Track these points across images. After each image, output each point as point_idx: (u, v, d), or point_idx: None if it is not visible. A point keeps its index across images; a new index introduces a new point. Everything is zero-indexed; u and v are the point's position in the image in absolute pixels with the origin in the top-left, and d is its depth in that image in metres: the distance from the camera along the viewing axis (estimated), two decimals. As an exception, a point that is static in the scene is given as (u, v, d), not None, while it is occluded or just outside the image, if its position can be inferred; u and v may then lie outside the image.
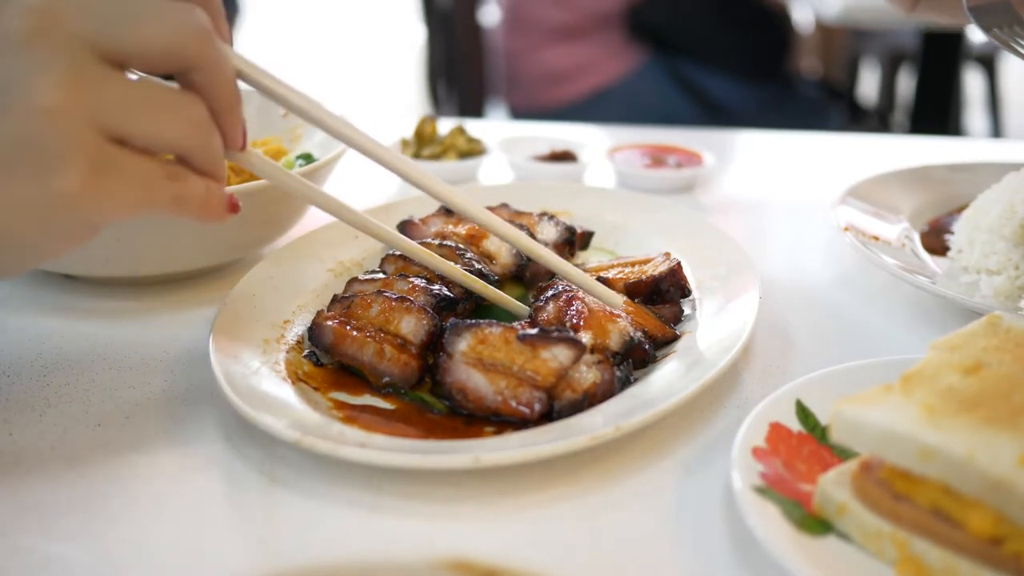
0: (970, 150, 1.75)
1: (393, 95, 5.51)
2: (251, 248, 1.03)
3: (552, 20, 2.52)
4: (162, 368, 0.84)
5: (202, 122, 0.61)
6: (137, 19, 0.57)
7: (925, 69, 2.90)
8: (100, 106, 0.56)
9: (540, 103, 2.59)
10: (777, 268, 1.08)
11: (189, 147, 0.61)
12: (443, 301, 0.84)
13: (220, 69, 0.61)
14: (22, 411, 0.77)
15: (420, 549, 0.63)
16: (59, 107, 0.54)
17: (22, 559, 0.61)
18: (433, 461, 0.65)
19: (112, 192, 0.58)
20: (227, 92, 0.63)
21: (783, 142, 1.67)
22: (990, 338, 0.66)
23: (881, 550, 0.59)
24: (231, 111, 0.64)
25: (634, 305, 0.87)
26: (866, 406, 0.60)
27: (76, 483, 0.68)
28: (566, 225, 1.00)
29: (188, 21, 0.59)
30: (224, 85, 0.62)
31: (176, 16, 0.58)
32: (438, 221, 1.01)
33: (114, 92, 0.57)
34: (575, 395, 0.73)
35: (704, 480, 0.69)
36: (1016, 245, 0.94)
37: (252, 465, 0.71)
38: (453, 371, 0.75)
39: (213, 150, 0.63)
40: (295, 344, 0.84)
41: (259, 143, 1.15)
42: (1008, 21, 0.90)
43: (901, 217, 1.12)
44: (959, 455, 0.54)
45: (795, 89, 2.65)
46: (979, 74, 3.84)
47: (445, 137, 1.40)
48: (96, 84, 0.56)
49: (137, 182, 0.59)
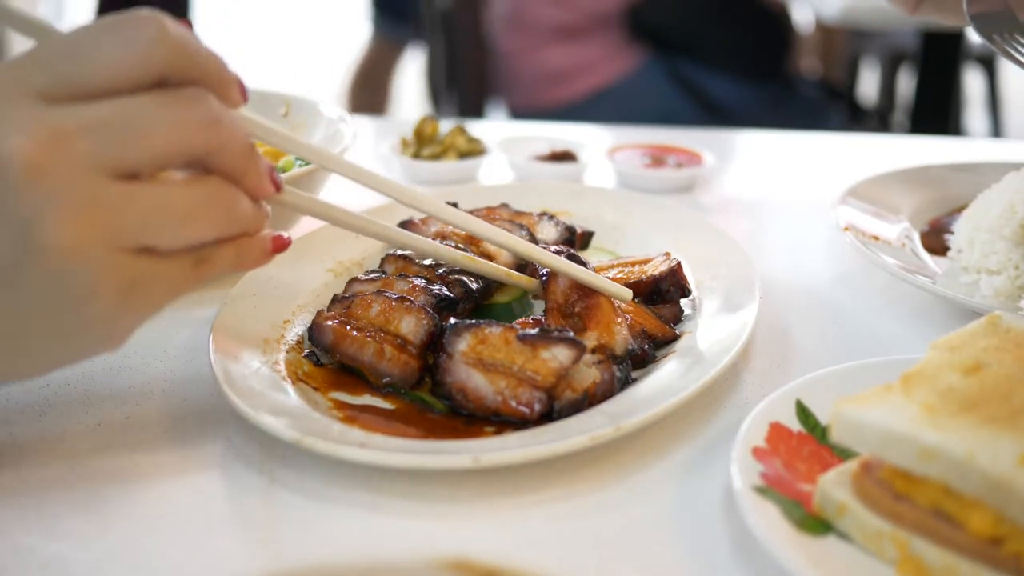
0: (970, 150, 1.75)
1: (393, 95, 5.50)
2: (251, 248, 1.03)
3: (552, 20, 2.52)
4: (162, 368, 0.84)
5: (226, 207, 0.59)
6: (142, 131, 0.54)
7: (925, 69, 2.90)
8: (118, 230, 0.54)
9: (540, 103, 2.59)
10: (777, 268, 1.08)
11: (218, 235, 0.60)
12: (443, 301, 0.84)
13: (232, 147, 0.58)
14: (22, 411, 0.77)
15: (420, 549, 0.62)
16: (77, 244, 0.53)
17: (22, 559, 0.61)
18: (433, 461, 0.65)
19: (144, 302, 0.58)
20: (242, 161, 0.60)
21: (783, 142, 1.67)
22: (990, 338, 0.66)
23: (881, 550, 0.59)
24: (250, 172, 0.61)
25: (634, 305, 0.87)
26: (866, 406, 0.60)
27: (76, 483, 0.68)
28: (566, 225, 1.00)
29: (193, 118, 0.56)
30: (239, 158, 0.59)
31: (180, 117, 0.55)
32: (438, 221, 1.01)
33: (130, 212, 0.54)
34: (575, 395, 0.73)
35: (704, 480, 0.69)
36: (1016, 245, 0.94)
37: (252, 465, 0.71)
38: (453, 371, 0.75)
39: (241, 220, 0.61)
40: (295, 344, 0.84)
41: (259, 144, 1.14)
42: (1009, 29, 0.90)
43: (901, 217, 1.12)
44: (959, 455, 0.54)
45: (795, 89, 2.65)
46: (979, 74, 3.84)
47: (445, 137, 1.40)
48: (110, 209, 0.54)
49: (167, 284, 0.58)
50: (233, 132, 0.59)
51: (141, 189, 0.55)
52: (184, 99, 0.56)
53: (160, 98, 0.55)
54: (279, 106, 1.21)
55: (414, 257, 0.92)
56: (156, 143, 0.54)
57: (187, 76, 0.57)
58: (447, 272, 0.89)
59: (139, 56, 0.54)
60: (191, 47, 0.57)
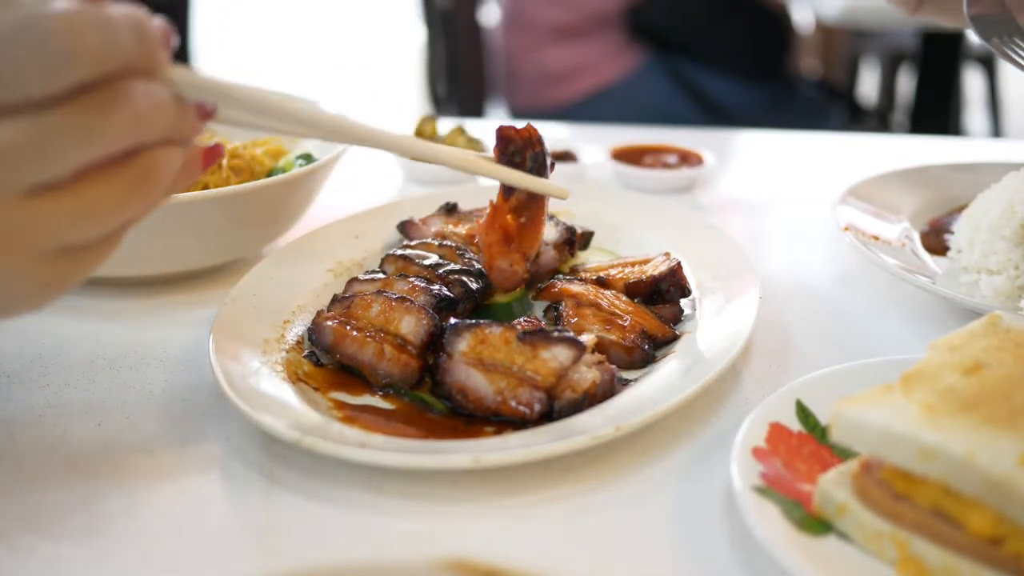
0: (970, 150, 1.75)
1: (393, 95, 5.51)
2: (251, 248, 1.03)
3: (552, 20, 2.52)
4: (162, 368, 0.84)
5: (153, 185, 0.56)
6: (58, 150, 0.51)
7: (925, 69, 2.90)
8: (39, 242, 0.53)
9: (540, 103, 2.59)
10: (777, 268, 1.08)
11: (149, 208, 0.58)
12: (443, 301, 0.84)
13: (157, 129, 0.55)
14: (22, 411, 0.77)
15: (420, 549, 0.63)
16: (3, 275, 0.53)
17: (22, 559, 0.61)
18: (433, 461, 0.65)
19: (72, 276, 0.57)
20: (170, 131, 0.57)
21: (783, 142, 1.67)
22: (990, 338, 0.66)
23: (881, 550, 0.59)
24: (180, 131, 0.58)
25: (634, 305, 0.87)
26: (866, 406, 0.60)
27: (76, 483, 0.68)
28: (566, 225, 1.00)
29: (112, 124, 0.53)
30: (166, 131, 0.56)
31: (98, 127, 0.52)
32: (438, 221, 1.01)
33: (50, 225, 0.53)
34: (575, 395, 0.73)
35: (704, 480, 0.69)
36: (1016, 245, 0.94)
37: (252, 465, 0.71)
38: (453, 371, 0.75)
39: (170, 183, 0.58)
40: (295, 344, 0.84)
41: (259, 143, 1.15)
42: (1008, 31, 0.90)
43: (901, 217, 1.12)
44: (959, 455, 0.54)
45: (795, 89, 2.65)
46: (979, 74, 3.84)
47: (445, 137, 1.40)
48: (28, 230, 0.52)
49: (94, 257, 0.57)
50: (156, 116, 0.55)
51: (60, 199, 0.52)
52: (101, 106, 0.52)
53: (76, 109, 0.51)
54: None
55: (414, 258, 0.92)
56: (74, 158, 0.52)
57: (106, 73, 0.52)
58: (447, 272, 0.89)
59: (50, 74, 0.50)
60: (107, 40, 0.52)
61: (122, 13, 0.53)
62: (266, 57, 5.91)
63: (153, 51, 0.55)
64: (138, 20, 0.53)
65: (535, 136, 0.82)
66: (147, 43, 0.54)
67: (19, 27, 0.49)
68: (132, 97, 0.53)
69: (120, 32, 0.52)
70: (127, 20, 0.53)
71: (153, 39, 0.55)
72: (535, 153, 0.81)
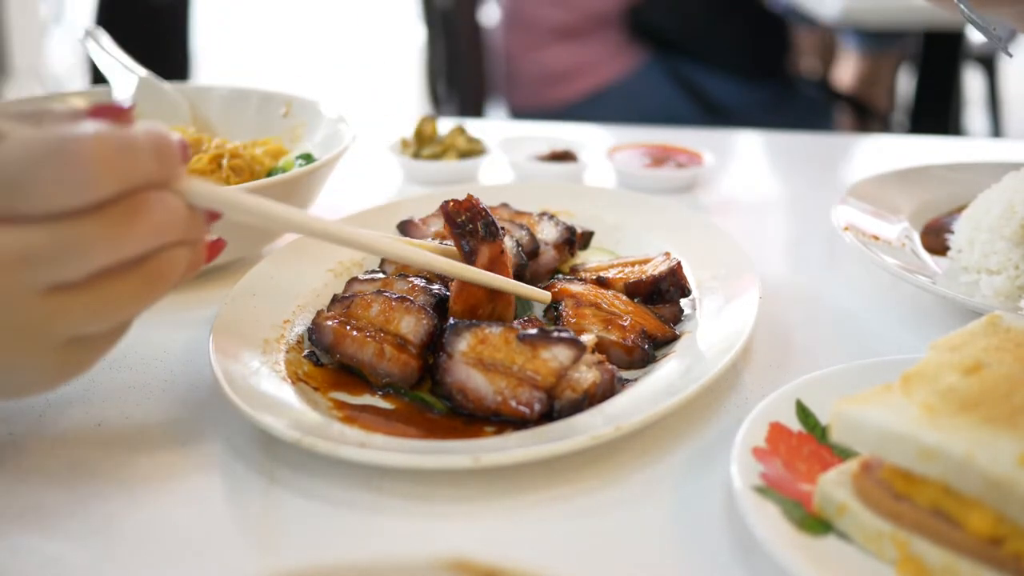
0: (970, 150, 1.75)
1: (393, 95, 5.51)
2: (251, 248, 1.03)
3: (552, 20, 2.52)
4: (162, 368, 0.84)
5: (164, 282, 0.60)
6: (80, 255, 0.55)
7: (925, 69, 2.90)
8: (55, 334, 0.57)
9: (540, 103, 2.59)
10: (777, 268, 1.08)
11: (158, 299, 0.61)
12: (443, 301, 0.84)
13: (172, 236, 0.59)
14: (22, 411, 0.77)
15: (420, 549, 0.63)
16: (12, 361, 0.58)
17: (22, 559, 0.61)
18: (433, 461, 0.65)
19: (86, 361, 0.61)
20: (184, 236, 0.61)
21: (783, 142, 1.67)
22: (990, 338, 0.66)
23: (881, 550, 0.59)
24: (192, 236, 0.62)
25: (634, 305, 0.87)
26: (866, 406, 0.60)
27: (76, 483, 0.68)
28: (566, 225, 1.00)
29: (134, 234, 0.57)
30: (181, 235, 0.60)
31: (119, 236, 0.56)
32: (438, 221, 1.01)
33: (66, 319, 0.56)
34: (575, 395, 0.73)
35: (704, 480, 0.69)
36: (1016, 245, 0.94)
37: (252, 465, 0.71)
38: (453, 371, 0.75)
39: (179, 278, 0.62)
40: (295, 344, 0.84)
41: (259, 143, 1.15)
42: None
43: (901, 217, 1.12)
44: (959, 455, 0.54)
45: (795, 89, 2.65)
46: (979, 74, 3.83)
47: (445, 137, 1.40)
48: (43, 324, 0.56)
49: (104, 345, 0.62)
50: (172, 224, 0.59)
51: (77, 296, 0.56)
52: (124, 216, 0.56)
53: (101, 220, 0.55)
54: (280, 106, 1.21)
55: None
56: (97, 263, 0.56)
57: (129, 188, 0.56)
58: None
59: (79, 193, 0.54)
60: (131, 161, 0.56)
61: (145, 133, 0.57)
62: (266, 57, 5.91)
63: (171, 167, 0.59)
64: (158, 138, 0.58)
65: (477, 204, 0.83)
66: (166, 160, 0.59)
67: (52, 150, 0.53)
68: (151, 209, 0.57)
69: (143, 153, 0.57)
70: (149, 140, 0.57)
71: (172, 156, 0.59)
72: (485, 221, 0.83)
